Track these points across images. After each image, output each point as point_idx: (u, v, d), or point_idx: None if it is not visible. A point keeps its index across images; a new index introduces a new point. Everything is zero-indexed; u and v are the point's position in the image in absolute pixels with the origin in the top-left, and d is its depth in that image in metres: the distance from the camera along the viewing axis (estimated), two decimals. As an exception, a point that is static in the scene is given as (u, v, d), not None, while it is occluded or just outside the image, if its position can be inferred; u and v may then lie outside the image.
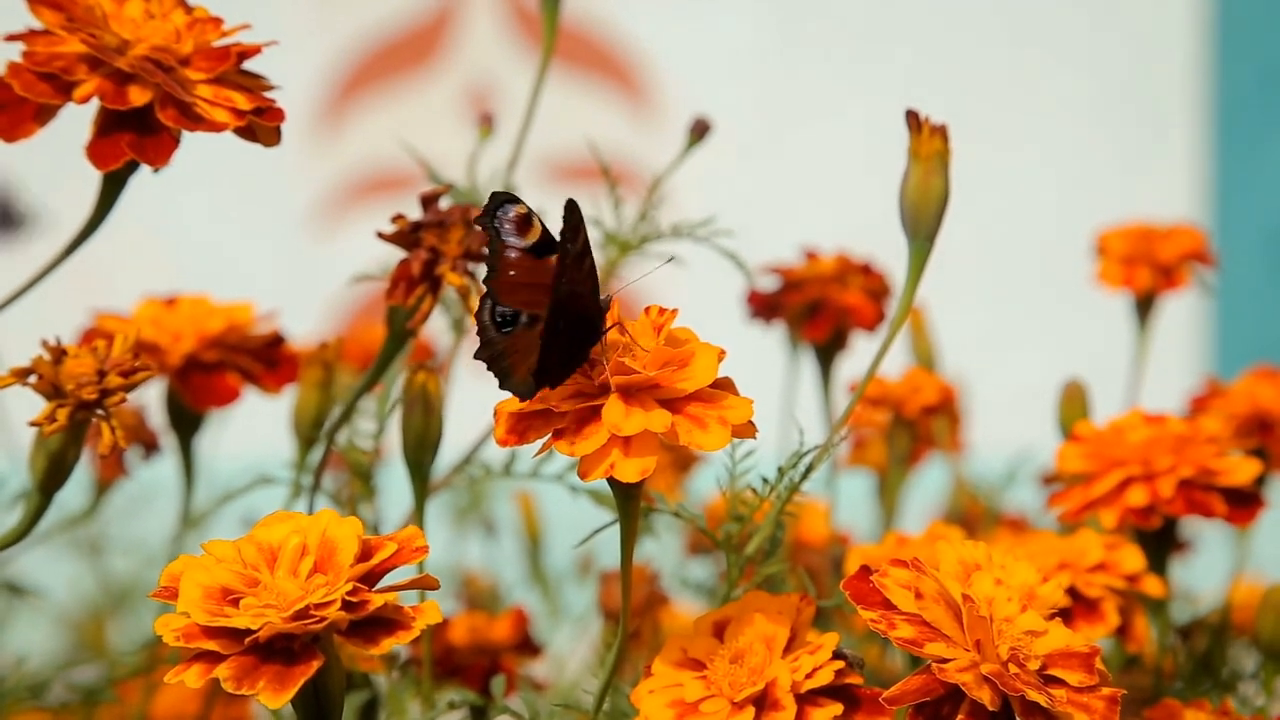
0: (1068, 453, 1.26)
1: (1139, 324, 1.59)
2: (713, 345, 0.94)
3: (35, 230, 2.89)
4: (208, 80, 1.04)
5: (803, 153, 3.15)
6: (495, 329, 0.95)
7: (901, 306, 1.10)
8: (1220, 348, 3.16)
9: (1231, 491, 1.23)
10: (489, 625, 1.35)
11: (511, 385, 0.94)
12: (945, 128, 1.09)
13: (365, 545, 0.91)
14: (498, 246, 0.95)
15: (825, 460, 1.09)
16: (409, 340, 1.18)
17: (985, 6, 3.14)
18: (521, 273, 0.95)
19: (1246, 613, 1.55)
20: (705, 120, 1.37)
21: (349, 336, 1.89)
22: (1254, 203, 3.17)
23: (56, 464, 1.04)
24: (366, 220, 3.03)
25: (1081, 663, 0.93)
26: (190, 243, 3.10)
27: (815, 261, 1.52)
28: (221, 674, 0.85)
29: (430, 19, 3.13)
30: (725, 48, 3.13)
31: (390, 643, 0.88)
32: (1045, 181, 3.14)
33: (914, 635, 0.92)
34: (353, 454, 1.24)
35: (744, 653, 0.98)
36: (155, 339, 1.32)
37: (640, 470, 0.90)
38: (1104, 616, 1.18)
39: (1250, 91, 3.17)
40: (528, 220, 0.95)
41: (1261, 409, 1.48)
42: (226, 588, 0.88)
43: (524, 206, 0.95)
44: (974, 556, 0.96)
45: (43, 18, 1.03)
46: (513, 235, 0.95)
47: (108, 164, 1.02)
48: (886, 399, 1.54)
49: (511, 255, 0.95)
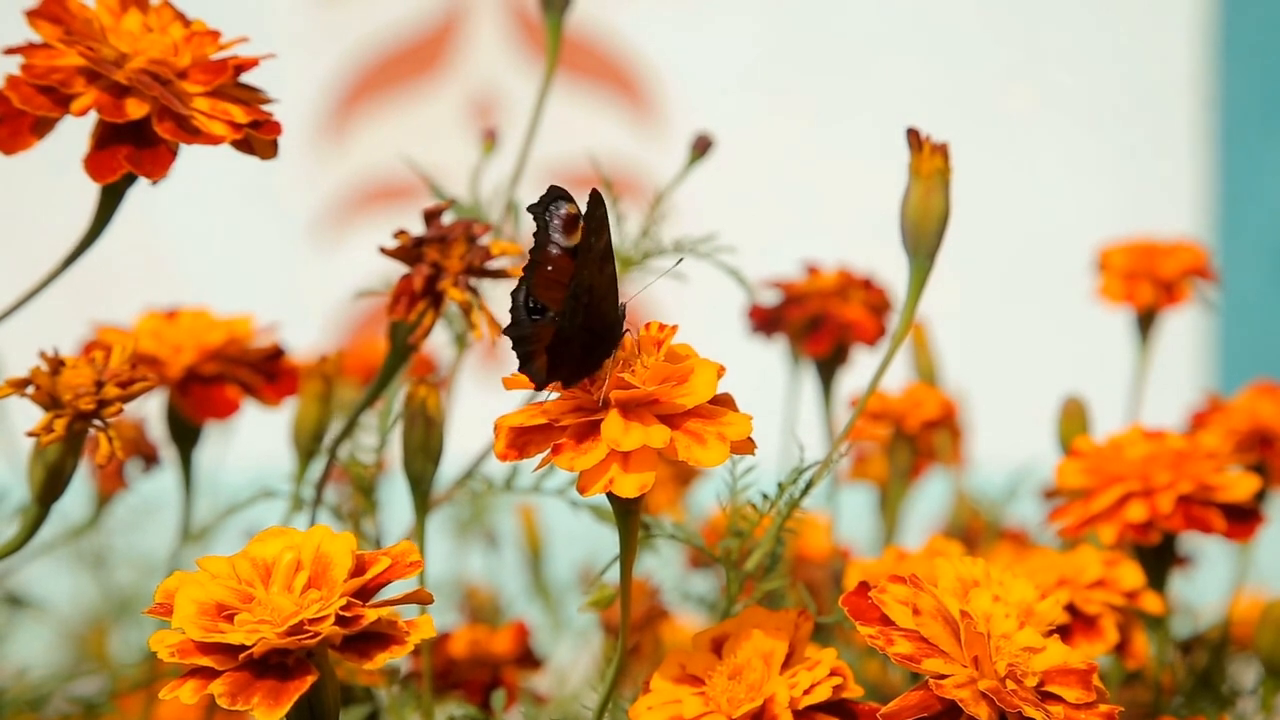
0: (1067, 468, 1.26)
1: (1140, 339, 1.59)
2: (712, 361, 0.94)
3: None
4: (205, 93, 1.04)
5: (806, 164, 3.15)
6: (526, 314, 0.95)
7: (902, 323, 1.10)
8: (1224, 362, 3.16)
9: (1230, 507, 1.23)
10: (490, 638, 1.35)
11: (530, 370, 0.95)
12: (946, 146, 1.10)
13: (359, 560, 0.91)
14: (544, 239, 0.95)
15: (826, 475, 1.09)
16: (411, 355, 1.18)
17: (988, 21, 3.14)
18: (557, 270, 0.95)
19: (1247, 628, 1.55)
20: (707, 136, 1.37)
21: (352, 350, 1.90)
22: (1258, 217, 3.17)
23: (54, 475, 1.04)
24: (370, 231, 3.04)
25: (1079, 679, 0.94)
26: (192, 253, 3.10)
27: (816, 276, 1.52)
28: (216, 690, 0.85)
29: (435, 28, 3.13)
30: (729, 59, 3.13)
31: (384, 657, 0.88)
32: (1048, 195, 3.14)
33: (911, 651, 0.92)
34: (354, 468, 1.24)
35: (742, 669, 0.98)
36: (155, 351, 1.32)
37: (639, 485, 0.90)
38: (1103, 633, 1.18)
39: (1254, 106, 3.16)
40: (575, 221, 0.95)
41: (1262, 424, 1.48)
42: (221, 603, 0.88)
43: (575, 207, 0.96)
44: (972, 573, 0.97)
45: (41, 31, 1.03)
46: (559, 232, 0.96)
47: (105, 176, 1.03)
48: (888, 414, 1.54)
49: (554, 251, 0.96)
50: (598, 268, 0.93)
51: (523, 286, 0.96)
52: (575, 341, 0.93)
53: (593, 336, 0.94)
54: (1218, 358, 3.16)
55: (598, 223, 0.92)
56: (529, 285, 0.96)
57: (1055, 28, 3.14)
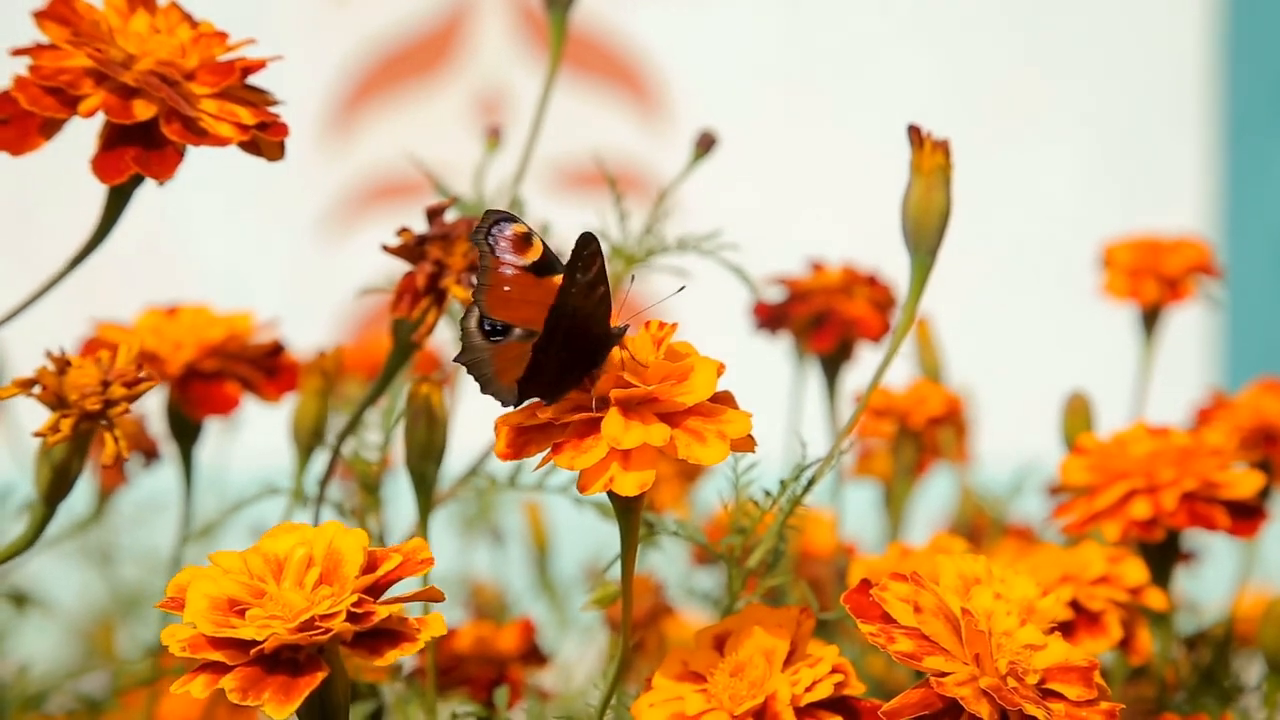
0: (1071, 465, 1.26)
1: (1145, 336, 1.59)
2: (712, 359, 0.94)
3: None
4: (212, 95, 1.04)
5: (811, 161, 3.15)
6: (482, 336, 0.96)
7: (904, 320, 1.10)
8: (1231, 358, 3.16)
9: (1235, 504, 1.23)
10: (495, 635, 1.36)
11: (493, 390, 0.95)
12: (947, 142, 1.10)
13: (371, 557, 0.91)
14: (490, 262, 0.96)
15: (829, 471, 1.09)
16: (414, 353, 1.18)
17: (995, 17, 3.14)
18: (518, 289, 0.96)
19: (1252, 624, 1.55)
20: (710, 133, 1.37)
21: (357, 346, 1.90)
22: (1264, 214, 3.17)
23: (60, 474, 1.04)
24: (376, 228, 3.04)
25: (1080, 677, 0.94)
26: (198, 250, 3.10)
27: (821, 273, 1.52)
28: (227, 685, 0.86)
29: (441, 25, 3.13)
30: (735, 54, 3.14)
31: (395, 654, 0.88)
32: (1054, 191, 3.14)
33: (913, 649, 0.92)
34: (359, 465, 1.25)
35: (744, 666, 0.98)
36: (156, 348, 1.32)
37: (639, 484, 0.90)
38: (1106, 629, 1.18)
39: (1261, 102, 3.16)
40: (527, 239, 0.96)
41: (1266, 421, 1.48)
42: (233, 599, 0.89)
43: (523, 226, 0.96)
44: (973, 570, 0.97)
45: (49, 32, 1.04)
46: (509, 253, 0.96)
47: (113, 178, 1.03)
48: (892, 410, 1.54)
49: (507, 272, 0.96)
50: (585, 295, 0.93)
51: (474, 311, 0.96)
52: (552, 364, 0.93)
53: (572, 356, 0.94)
54: (1224, 354, 3.16)
55: (587, 259, 0.92)
56: (481, 308, 0.96)
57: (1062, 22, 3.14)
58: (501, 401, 0.95)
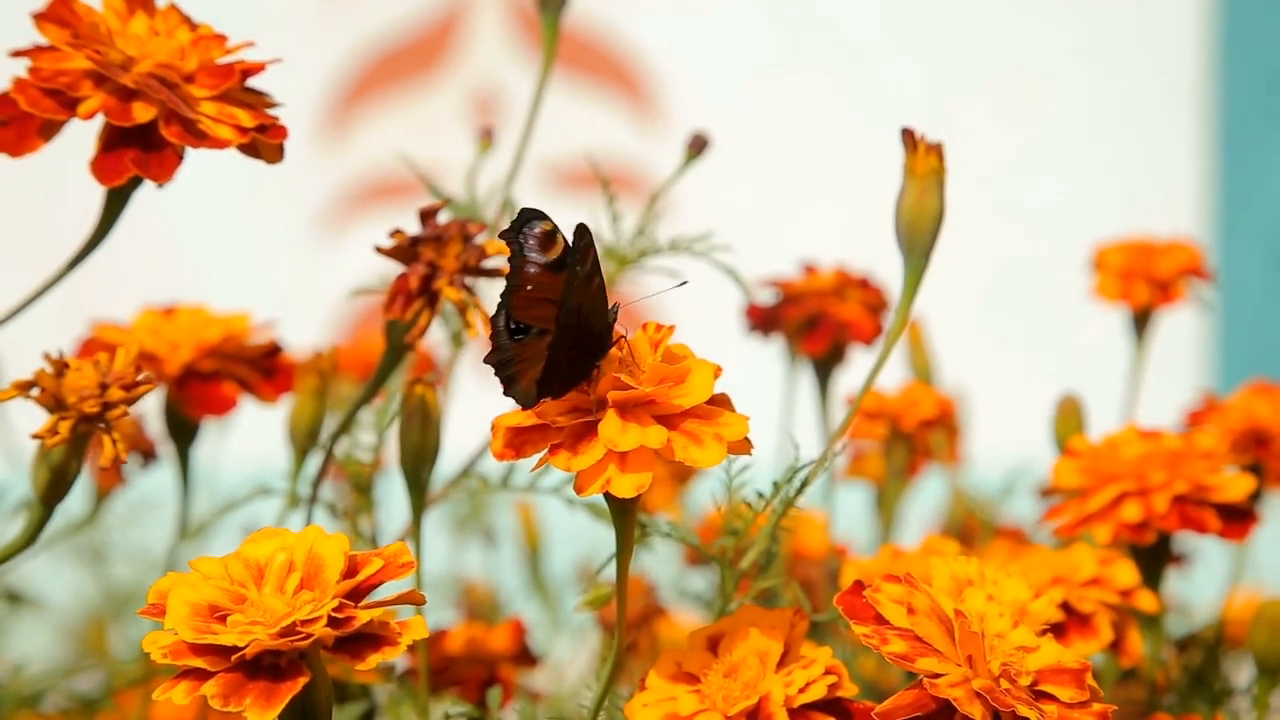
0: (1063, 467, 1.27)
1: (1136, 338, 1.59)
2: (709, 362, 0.94)
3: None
4: (211, 97, 1.05)
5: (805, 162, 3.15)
6: (509, 336, 0.96)
7: (897, 323, 1.10)
8: (1224, 361, 3.16)
9: (1225, 507, 1.23)
10: (487, 636, 1.36)
11: (515, 393, 0.95)
12: (941, 146, 1.10)
13: (352, 561, 0.91)
14: (519, 262, 0.96)
15: (822, 473, 1.10)
16: (407, 354, 1.18)
17: (988, 18, 3.14)
18: (539, 288, 0.96)
19: (1242, 627, 1.55)
20: (703, 135, 1.37)
21: (351, 347, 1.90)
22: (1258, 215, 3.17)
23: (58, 477, 1.04)
24: (372, 227, 3.03)
25: (1073, 678, 0.94)
26: (194, 250, 3.10)
27: (813, 275, 1.52)
28: (208, 691, 0.86)
29: (436, 25, 3.14)
30: (730, 55, 3.14)
31: (376, 658, 0.88)
32: (1046, 192, 3.15)
33: (906, 650, 0.93)
34: (352, 465, 1.25)
35: (738, 667, 0.98)
36: (153, 349, 1.32)
37: (636, 486, 0.90)
38: (1097, 631, 1.19)
39: (1255, 103, 3.17)
40: (551, 237, 0.96)
41: (1258, 424, 1.48)
42: (214, 604, 0.89)
43: (550, 223, 0.96)
44: (966, 572, 0.97)
45: (48, 34, 1.04)
46: (535, 251, 0.96)
47: (112, 180, 1.03)
48: (884, 412, 1.55)
49: (531, 270, 0.96)
50: (584, 287, 0.93)
51: (501, 312, 0.96)
52: (563, 362, 0.93)
53: (581, 351, 0.94)
54: (1217, 356, 3.16)
55: (582, 251, 0.93)
56: (507, 308, 0.96)
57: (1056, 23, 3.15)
58: (521, 404, 0.95)
